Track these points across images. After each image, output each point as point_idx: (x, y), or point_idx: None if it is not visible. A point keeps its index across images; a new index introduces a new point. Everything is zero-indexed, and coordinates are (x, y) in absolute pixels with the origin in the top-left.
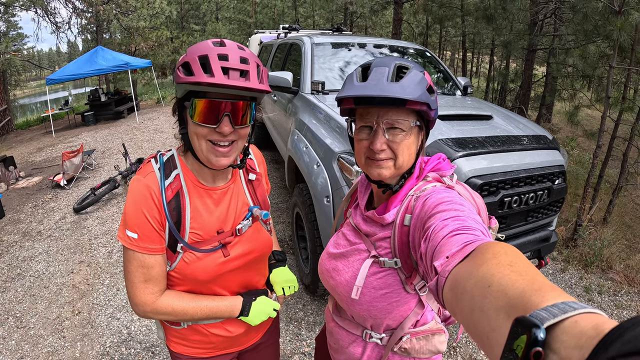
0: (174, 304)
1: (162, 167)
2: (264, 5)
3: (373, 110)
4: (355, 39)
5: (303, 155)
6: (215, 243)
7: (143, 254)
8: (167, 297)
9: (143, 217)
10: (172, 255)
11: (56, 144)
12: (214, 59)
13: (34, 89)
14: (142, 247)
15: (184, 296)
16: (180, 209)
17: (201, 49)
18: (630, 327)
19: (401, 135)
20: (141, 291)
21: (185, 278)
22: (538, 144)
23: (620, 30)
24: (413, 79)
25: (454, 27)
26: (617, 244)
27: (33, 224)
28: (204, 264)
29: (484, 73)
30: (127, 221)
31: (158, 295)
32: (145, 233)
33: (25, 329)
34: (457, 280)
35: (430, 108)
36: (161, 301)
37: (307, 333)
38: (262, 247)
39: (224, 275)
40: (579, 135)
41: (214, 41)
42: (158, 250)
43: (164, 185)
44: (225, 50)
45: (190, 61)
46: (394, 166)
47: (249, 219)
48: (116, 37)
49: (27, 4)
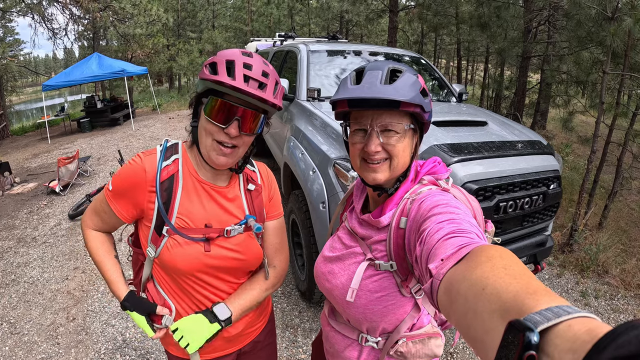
0: (91, 239)
1: (164, 150)
2: (260, 14)
3: (367, 113)
4: (350, 46)
5: (299, 161)
6: (199, 235)
7: (106, 201)
8: (96, 234)
9: (126, 184)
10: (157, 239)
11: (52, 150)
12: (239, 65)
13: (30, 95)
14: (109, 198)
15: (104, 245)
16: (171, 190)
17: (229, 54)
18: (623, 332)
19: (395, 137)
20: (89, 214)
21: (166, 266)
22: (533, 149)
23: (613, 37)
24: (406, 81)
25: (448, 35)
26: (612, 249)
27: (28, 230)
28: (184, 251)
29: (478, 81)
30: (115, 178)
31: (92, 226)
32: (118, 193)
33: (20, 335)
34: (452, 283)
35: (424, 110)
36: (90, 231)
37: (304, 340)
38: (248, 256)
39: (203, 272)
40: (573, 141)
41: (243, 51)
42: (116, 210)
43: (161, 165)
44: (250, 61)
45: (218, 62)
46: (389, 169)
47: (242, 225)
48: (113, 44)
49: (24, 9)
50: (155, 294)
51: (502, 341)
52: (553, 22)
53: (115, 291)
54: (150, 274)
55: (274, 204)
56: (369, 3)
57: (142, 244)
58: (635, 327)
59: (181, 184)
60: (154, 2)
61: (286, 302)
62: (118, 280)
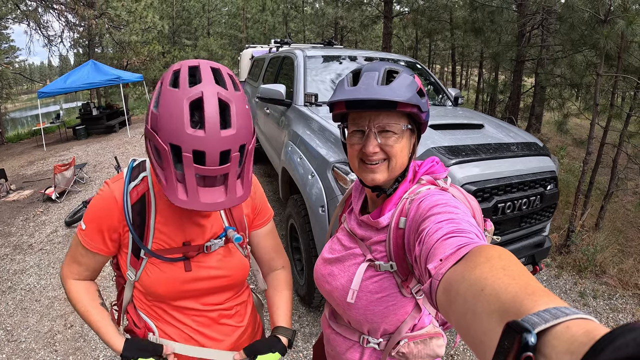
0: (73, 290)
1: (129, 171)
2: (255, 21)
3: (365, 114)
4: (346, 51)
5: (297, 166)
6: (178, 254)
7: (82, 243)
8: (78, 284)
9: (96, 218)
10: (136, 262)
11: (47, 158)
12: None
13: (25, 102)
14: (83, 238)
15: (88, 294)
16: (145, 212)
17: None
18: (621, 334)
19: (393, 138)
20: (67, 265)
21: (147, 291)
22: (529, 150)
23: (606, 39)
24: (403, 82)
25: (443, 41)
26: (609, 249)
27: (24, 237)
28: (164, 276)
29: (473, 85)
30: (86, 214)
31: (74, 277)
32: (91, 229)
33: (17, 343)
34: (451, 284)
35: (421, 110)
36: (71, 282)
37: (304, 344)
38: (232, 272)
39: (187, 294)
40: (568, 144)
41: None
42: (94, 248)
43: (127, 189)
44: (202, 149)
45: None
46: (388, 169)
47: (222, 239)
48: (108, 51)
49: (19, 16)
50: (136, 317)
51: (500, 342)
52: (546, 26)
53: (109, 343)
54: (131, 298)
55: (262, 209)
56: (364, 9)
57: (122, 268)
58: (633, 329)
59: (154, 203)
60: (149, 9)
61: None
62: (109, 330)
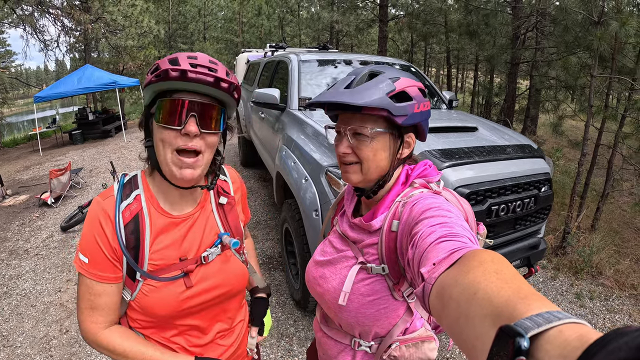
0: (115, 342)
1: (120, 189)
2: (250, 25)
3: (343, 117)
4: (341, 55)
5: (291, 170)
6: (176, 271)
7: (91, 280)
8: (111, 333)
9: (94, 243)
10: (132, 284)
11: (43, 163)
12: (183, 58)
13: (21, 107)
14: (91, 272)
15: (129, 337)
16: (139, 232)
17: (171, 56)
18: (614, 338)
19: (365, 141)
20: (86, 318)
21: (145, 312)
22: (523, 152)
23: (600, 41)
24: (370, 85)
25: (438, 44)
26: (606, 250)
27: (20, 242)
28: (163, 295)
29: (468, 88)
30: (81, 244)
31: (102, 326)
32: (95, 259)
33: (12, 348)
34: (444, 288)
35: (392, 114)
36: (103, 334)
37: (299, 349)
38: (232, 280)
39: (187, 312)
40: (563, 145)
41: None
42: (108, 278)
43: (119, 208)
44: (195, 55)
45: (160, 63)
46: (361, 172)
47: (218, 246)
48: (104, 55)
49: (15, 21)
50: None
51: (492, 346)
52: (541, 29)
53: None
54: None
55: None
56: (359, 13)
57: None
58: (626, 333)
59: (148, 223)
60: (145, 14)
61: (281, 311)
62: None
